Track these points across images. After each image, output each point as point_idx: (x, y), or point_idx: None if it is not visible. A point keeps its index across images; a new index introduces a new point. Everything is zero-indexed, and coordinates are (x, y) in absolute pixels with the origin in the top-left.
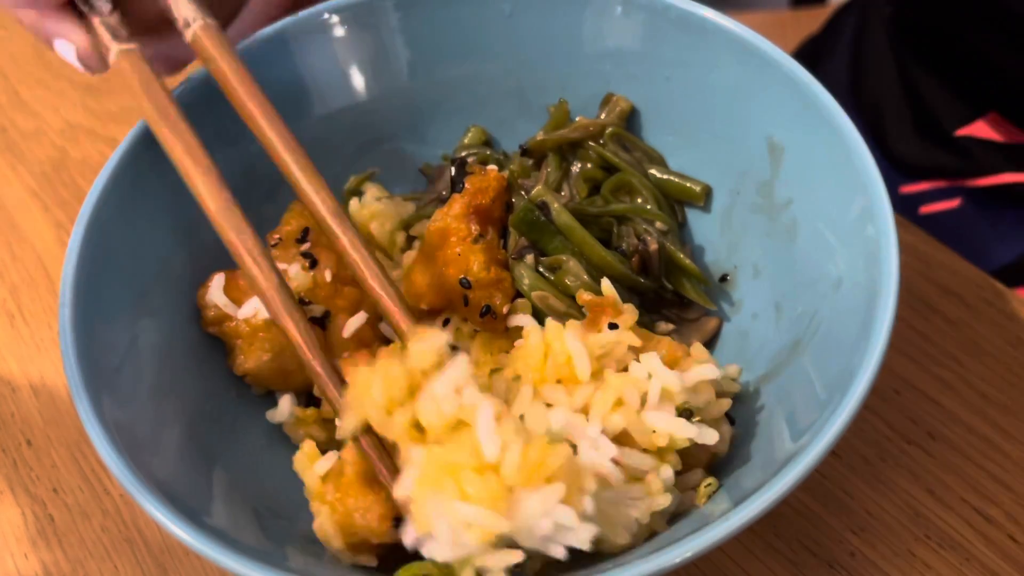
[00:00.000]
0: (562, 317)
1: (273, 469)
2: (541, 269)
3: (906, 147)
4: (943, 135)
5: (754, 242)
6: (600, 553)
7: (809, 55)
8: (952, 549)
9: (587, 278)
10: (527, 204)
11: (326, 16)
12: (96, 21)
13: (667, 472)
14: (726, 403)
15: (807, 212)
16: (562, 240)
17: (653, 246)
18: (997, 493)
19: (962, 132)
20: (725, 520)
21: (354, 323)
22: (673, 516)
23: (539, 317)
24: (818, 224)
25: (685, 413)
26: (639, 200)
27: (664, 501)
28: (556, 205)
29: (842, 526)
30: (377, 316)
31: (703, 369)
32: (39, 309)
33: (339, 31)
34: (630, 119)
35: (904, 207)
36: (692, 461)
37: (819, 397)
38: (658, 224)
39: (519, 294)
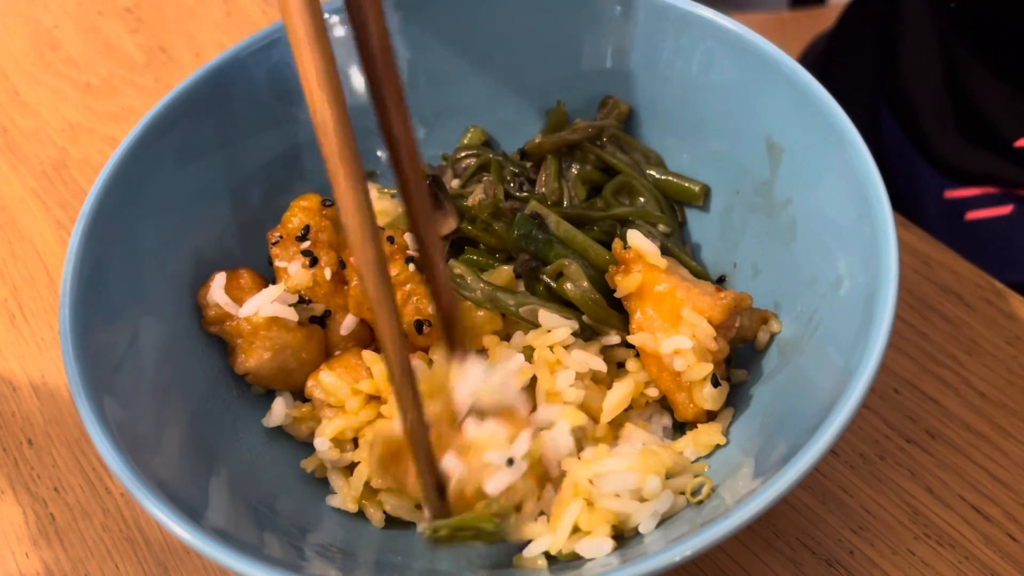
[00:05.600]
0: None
1: (273, 468)
2: (546, 278)
3: (953, 152)
4: (1000, 143)
5: (753, 241)
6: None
7: (825, 52)
8: (951, 547)
9: (587, 284)
10: (522, 220)
11: (326, 16)
12: None
13: (654, 482)
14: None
15: (806, 211)
16: (562, 247)
17: (661, 243)
18: (996, 491)
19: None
20: (725, 518)
21: (351, 321)
22: (672, 515)
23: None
24: (817, 223)
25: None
26: (641, 200)
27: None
28: (553, 217)
29: (841, 524)
30: None
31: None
32: (40, 308)
33: (339, 31)
34: (629, 119)
35: (949, 212)
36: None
37: (818, 396)
38: (660, 226)
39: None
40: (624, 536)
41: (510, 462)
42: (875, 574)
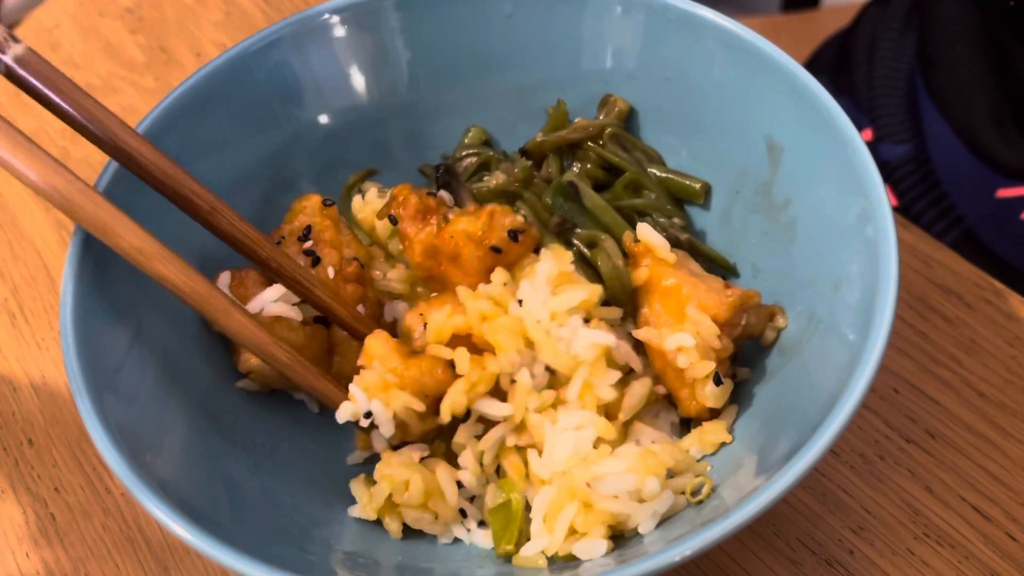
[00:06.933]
0: None
1: (275, 467)
2: (578, 243)
3: (1007, 148)
4: None
5: (753, 241)
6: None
7: (841, 52)
8: (950, 547)
9: (620, 262)
10: (558, 187)
11: (326, 17)
12: None
13: (652, 483)
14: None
15: (806, 212)
16: (591, 221)
17: (684, 236)
18: (995, 491)
19: None
20: (726, 518)
21: None
22: (672, 515)
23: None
24: (817, 223)
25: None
26: (653, 196)
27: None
28: (587, 190)
29: (841, 524)
30: (378, 309)
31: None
32: (40, 308)
33: (339, 32)
34: (629, 119)
35: (1001, 212)
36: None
37: (819, 396)
38: (675, 219)
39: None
40: (624, 536)
41: None
42: (875, 574)
